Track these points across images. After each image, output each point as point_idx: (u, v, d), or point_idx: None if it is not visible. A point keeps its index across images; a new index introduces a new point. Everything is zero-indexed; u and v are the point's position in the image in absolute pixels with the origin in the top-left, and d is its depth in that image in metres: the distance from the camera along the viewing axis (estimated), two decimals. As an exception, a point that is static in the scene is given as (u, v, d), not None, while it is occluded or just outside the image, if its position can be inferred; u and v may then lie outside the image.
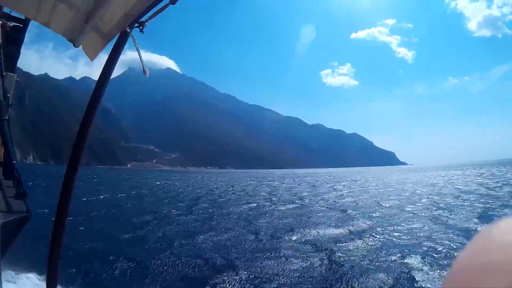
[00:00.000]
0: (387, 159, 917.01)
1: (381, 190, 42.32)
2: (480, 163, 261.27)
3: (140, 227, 18.23)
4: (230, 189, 50.55)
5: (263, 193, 40.89)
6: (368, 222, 19.05)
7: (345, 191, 41.92)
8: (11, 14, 7.52)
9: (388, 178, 76.93)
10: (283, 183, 65.32)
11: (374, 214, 22.00)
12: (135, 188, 49.88)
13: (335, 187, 51.43)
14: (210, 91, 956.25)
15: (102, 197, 34.86)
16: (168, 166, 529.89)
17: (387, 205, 26.62)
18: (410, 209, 23.75)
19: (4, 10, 7.32)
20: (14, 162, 5.30)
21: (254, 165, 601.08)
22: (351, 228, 17.56)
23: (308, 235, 16.11)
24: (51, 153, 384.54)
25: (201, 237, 15.76)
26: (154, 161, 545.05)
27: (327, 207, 26.22)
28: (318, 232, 16.70)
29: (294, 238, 15.54)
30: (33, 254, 10.59)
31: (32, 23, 8.23)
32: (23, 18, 7.59)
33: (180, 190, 48.20)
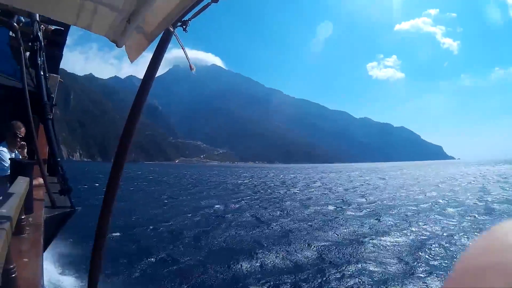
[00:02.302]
0: (435, 153, 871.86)
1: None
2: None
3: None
4: (361, 185, 44.50)
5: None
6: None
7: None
8: (52, 17, 6.49)
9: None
10: (384, 179, 58.02)
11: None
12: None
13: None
14: (256, 86, 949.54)
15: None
16: (216, 161, 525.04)
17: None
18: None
19: None
20: (59, 159, 5.44)
21: (303, 160, 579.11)
22: None
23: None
24: (97, 150, 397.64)
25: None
26: (202, 156, 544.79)
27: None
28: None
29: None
30: (76, 248, 10.93)
31: None
32: None
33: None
